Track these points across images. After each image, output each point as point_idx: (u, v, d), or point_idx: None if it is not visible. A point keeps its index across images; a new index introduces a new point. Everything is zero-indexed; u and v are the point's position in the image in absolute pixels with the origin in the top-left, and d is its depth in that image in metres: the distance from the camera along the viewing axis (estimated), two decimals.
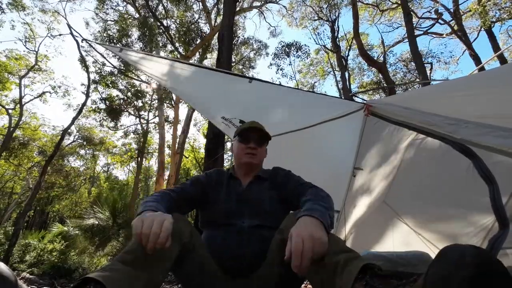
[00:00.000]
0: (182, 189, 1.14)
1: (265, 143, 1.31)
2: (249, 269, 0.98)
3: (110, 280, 0.64)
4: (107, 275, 0.65)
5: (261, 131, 1.27)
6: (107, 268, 0.69)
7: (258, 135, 1.27)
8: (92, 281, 0.63)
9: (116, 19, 12.70)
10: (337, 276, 0.66)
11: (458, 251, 0.47)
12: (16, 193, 17.32)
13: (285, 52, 14.67)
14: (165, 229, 0.73)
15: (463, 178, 1.73)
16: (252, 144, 1.24)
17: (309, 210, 0.83)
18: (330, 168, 2.67)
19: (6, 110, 13.15)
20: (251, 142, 1.25)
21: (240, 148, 1.26)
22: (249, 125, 1.27)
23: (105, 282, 0.62)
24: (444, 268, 0.47)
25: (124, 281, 0.67)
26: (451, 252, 0.49)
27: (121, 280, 0.67)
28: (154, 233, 0.71)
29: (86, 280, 0.64)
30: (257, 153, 1.25)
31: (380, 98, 4.84)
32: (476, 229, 1.93)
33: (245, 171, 1.27)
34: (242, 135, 1.28)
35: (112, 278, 0.65)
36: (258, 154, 1.25)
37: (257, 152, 1.25)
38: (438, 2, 12.02)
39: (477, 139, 1.13)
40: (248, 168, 1.26)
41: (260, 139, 1.27)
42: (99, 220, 6.87)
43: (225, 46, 4.91)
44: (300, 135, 2.41)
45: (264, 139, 1.29)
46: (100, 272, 0.67)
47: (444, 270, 0.47)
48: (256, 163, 1.26)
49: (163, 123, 12.94)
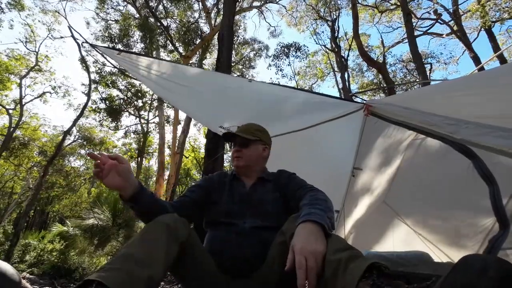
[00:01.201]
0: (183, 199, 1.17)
1: (255, 143, 1.28)
2: (250, 270, 0.98)
3: (112, 280, 0.64)
4: (107, 275, 0.65)
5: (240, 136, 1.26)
6: (107, 267, 0.69)
7: (239, 138, 1.27)
8: (94, 283, 0.63)
9: (117, 19, 12.70)
10: (339, 274, 0.65)
11: (481, 261, 0.46)
12: (16, 193, 17.32)
13: (285, 52, 14.66)
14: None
15: (463, 178, 1.72)
16: (236, 147, 1.27)
17: (307, 214, 0.84)
18: (330, 168, 2.67)
19: (7, 110, 13.15)
20: (236, 145, 1.28)
21: (231, 152, 1.31)
22: (230, 132, 1.31)
23: (107, 283, 0.62)
24: (465, 277, 0.45)
25: (125, 280, 0.67)
26: (473, 261, 0.47)
27: (122, 279, 0.67)
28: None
29: (88, 282, 0.64)
30: (242, 155, 1.25)
31: (380, 98, 4.83)
32: (476, 230, 1.93)
33: (241, 173, 1.28)
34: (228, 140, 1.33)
35: (113, 277, 0.65)
36: (243, 157, 1.25)
37: (242, 155, 1.25)
38: (437, 2, 12.02)
39: (477, 139, 1.13)
40: (238, 170, 1.28)
41: (242, 142, 1.27)
42: (99, 220, 6.87)
43: (225, 46, 4.91)
44: (300, 135, 2.41)
45: (248, 141, 1.27)
46: (101, 272, 0.66)
47: (465, 278, 0.45)
48: (242, 165, 1.26)
49: (163, 123, 12.94)
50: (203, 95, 2.29)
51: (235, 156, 1.26)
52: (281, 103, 2.18)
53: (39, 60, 13.69)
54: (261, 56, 15.88)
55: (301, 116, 2.28)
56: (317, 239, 0.75)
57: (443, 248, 2.20)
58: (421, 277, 0.56)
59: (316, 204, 0.91)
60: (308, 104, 2.09)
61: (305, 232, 0.78)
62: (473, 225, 1.94)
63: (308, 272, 0.68)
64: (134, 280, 0.69)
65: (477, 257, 0.48)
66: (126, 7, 13.38)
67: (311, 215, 0.82)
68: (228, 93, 2.21)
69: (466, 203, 1.96)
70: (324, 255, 0.72)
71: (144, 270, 0.72)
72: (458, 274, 0.47)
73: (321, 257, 0.71)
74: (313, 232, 0.77)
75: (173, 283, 3.56)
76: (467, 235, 1.99)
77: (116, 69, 12.38)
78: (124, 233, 6.78)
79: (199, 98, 2.36)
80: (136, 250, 0.75)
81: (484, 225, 1.88)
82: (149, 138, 17.24)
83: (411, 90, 9.29)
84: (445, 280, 0.48)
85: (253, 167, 1.28)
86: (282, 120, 2.36)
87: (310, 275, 0.68)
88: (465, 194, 1.91)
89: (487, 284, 0.42)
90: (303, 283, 0.67)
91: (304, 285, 0.67)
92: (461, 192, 1.94)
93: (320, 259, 0.70)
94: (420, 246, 2.30)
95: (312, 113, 2.19)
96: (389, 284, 0.57)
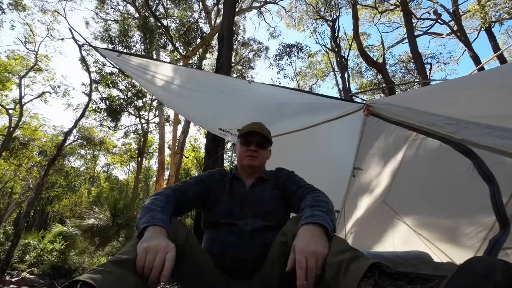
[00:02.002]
0: (186, 188, 1.13)
1: (267, 145, 1.31)
2: (251, 271, 0.98)
3: (100, 282, 0.63)
4: (97, 277, 0.64)
5: (262, 134, 1.27)
6: (98, 270, 0.69)
7: (259, 137, 1.27)
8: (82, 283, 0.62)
9: (117, 19, 12.70)
10: (341, 275, 0.65)
11: (487, 264, 0.46)
12: (16, 193, 17.31)
13: (287, 52, 14.69)
14: (168, 263, 0.72)
15: (463, 178, 1.73)
16: (253, 147, 1.25)
17: (310, 217, 0.84)
18: (330, 168, 2.67)
19: (6, 110, 13.15)
20: (252, 144, 1.26)
21: (242, 150, 1.27)
22: (251, 128, 1.28)
23: (95, 283, 0.62)
24: (471, 279, 0.45)
25: (114, 282, 0.67)
26: (479, 264, 0.47)
27: (111, 281, 0.66)
28: (157, 269, 0.71)
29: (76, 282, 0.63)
30: (258, 155, 1.25)
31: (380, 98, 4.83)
32: (476, 229, 1.93)
33: (247, 173, 1.27)
34: (244, 137, 1.29)
35: (102, 280, 0.65)
36: (259, 157, 1.26)
37: (258, 155, 1.25)
38: (437, 2, 12.02)
39: (477, 140, 1.13)
40: (249, 170, 1.27)
41: (261, 142, 1.28)
42: (99, 220, 6.87)
43: (225, 46, 4.91)
44: (300, 135, 2.41)
45: (266, 142, 1.30)
46: (91, 274, 0.66)
47: (470, 281, 0.45)
48: (257, 165, 1.26)
49: (163, 123, 12.93)
50: (203, 97, 2.29)
51: (251, 155, 1.24)
52: (281, 103, 2.18)
53: (39, 60, 13.69)
54: (260, 56, 15.91)
55: (301, 116, 2.28)
56: (319, 241, 0.75)
57: (443, 248, 2.20)
58: (423, 278, 0.56)
59: (318, 206, 0.91)
60: (308, 105, 2.09)
61: (308, 233, 0.78)
62: (473, 224, 1.94)
63: (307, 273, 0.68)
64: (123, 283, 0.68)
65: (484, 259, 0.48)
66: (125, 7, 13.40)
67: (314, 217, 0.82)
68: (227, 95, 2.21)
69: (466, 203, 1.96)
70: (325, 257, 0.72)
71: (135, 275, 0.72)
72: (463, 276, 0.47)
73: (321, 259, 0.70)
74: (316, 234, 0.77)
75: (173, 283, 3.56)
76: (467, 235, 1.99)
77: (116, 69, 12.38)
78: (125, 233, 6.78)
79: (199, 101, 2.37)
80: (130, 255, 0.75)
81: (484, 225, 1.88)
82: (149, 138, 17.24)
83: (411, 90, 9.28)
84: (450, 282, 0.48)
85: (261, 168, 1.30)
86: (282, 120, 2.36)
87: (309, 275, 0.68)
88: (465, 194, 1.91)
89: (494, 287, 0.42)
90: (302, 283, 0.67)
91: (303, 285, 0.67)
92: (461, 192, 1.94)
93: (321, 260, 0.70)
94: (420, 246, 2.30)
95: (312, 113, 2.19)
96: (392, 284, 0.56)
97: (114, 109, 12.54)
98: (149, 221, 0.83)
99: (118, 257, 0.75)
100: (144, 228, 0.82)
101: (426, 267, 1.66)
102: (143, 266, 0.71)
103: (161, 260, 0.71)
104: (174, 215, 1.03)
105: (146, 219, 0.85)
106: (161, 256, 0.72)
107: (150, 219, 0.84)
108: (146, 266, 0.71)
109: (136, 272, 0.72)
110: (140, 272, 0.72)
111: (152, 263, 0.71)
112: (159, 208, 0.92)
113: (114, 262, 0.72)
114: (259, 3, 14.91)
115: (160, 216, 0.87)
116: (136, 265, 0.72)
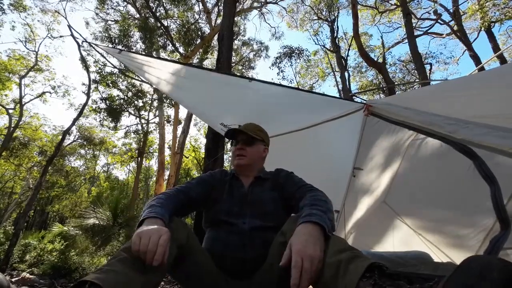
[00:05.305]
0: (189, 189, 1.14)
1: (255, 142, 1.30)
2: (251, 271, 0.98)
3: (108, 282, 0.63)
4: (104, 277, 0.65)
5: (246, 133, 1.27)
6: (105, 269, 0.69)
7: (244, 135, 1.28)
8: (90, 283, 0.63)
9: (117, 19, 12.70)
10: (340, 275, 0.65)
11: (485, 262, 0.46)
12: (16, 193, 17.32)
13: (288, 55, 14.71)
14: (161, 245, 0.73)
15: (464, 178, 1.73)
16: (239, 145, 1.26)
17: (308, 215, 0.83)
18: (330, 168, 2.67)
19: (6, 110, 13.15)
20: (239, 143, 1.27)
21: (232, 151, 1.30)
22: (235, 128, 1.30)
23: (103, 284, 0.62)
24: (469, 278, 0.45)
25: (122, 282, 0.67)
26: (477, 263, 0.47)
27: (119, 281, 0.67)
28: (150, 251, 0.72)
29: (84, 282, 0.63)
30: (246, 154, 1.25)
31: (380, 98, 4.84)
32: (476, 230, 1.93)
33: (241, 172, 1.28)
34: (232, 138, 1.32)
35: (110, 280, 0.65)
36: (247, 155, 1.26)
37: (246, 153, 1.26)
38: (436, 2, 12.02)
39: (478, 139, 1.12)
40: (239, 169, 1.27)
41: (247, 140, 1.28)
42: (99, 220, 6.86)
43: (225, 46, 4.91)
44: (300, 135, 2.41)
45: (253, 139, 1.29)
46: (98, 274, 0.66)
47: (468, 279, 0.45)
48: (245, 164, 1.25)
49: (164, 123, 12.94)
50: (205, 90, 2.28)
51: (238, 153, 1.25)
52: (282, 103, 2.18)
53: (39, 60, 13.69)
54: (261, 56, 15.91)
55: (301, 116, 2.28)
56: (316, 242, 0.74)
57: (443, 248, 2.20)
58: (423, 278, 0.56)
59: (316, 205, 0.91)
60: (308, 104, 2.09)
61: (305, 233, 0.77)
62: (473, 225, 1.94)
63: (302, 274, 0.68)
64: (130, 283, 0.69)
65: (481, 258, 0.48)
66: (126, 7, 13.39)
67: (312, 216, 0.82)
68: (229, 91, 2.20)
69: (466, 203, 1.95)
70: (321, 259, 0.71)
71: (142, 273, 0.72)
72: (461, 275, 0.47)
73: (317, 262, 0.70)
74: (313, 234, 0.77)
75: (173, 283, 3.56)
76: (468, 235, 1.99)
77: (116, 69, 12.39)
78: (125, 232, 6.78)
79: (200, 93, 2.35)
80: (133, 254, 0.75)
81: (484, 225, 1.88)
82: (149, 138, 17.25)
83: (411, 90, 9.29)
84: (448, 281, 0.48)
85: (253, 166, 1.29)
86: (282, 120, 2.36)
87: (303, 276, 0.68)
88: (465, 194, 1.91)
89: (491, 285, 0.42)
90: (296, 283, 0.67)
91: (296, 284, 0.67)
92: (461, 192, 1.94)
93: (316, 263, 0.70)
94: (420, 246, 2.30)
95: (312, 113, 2.19)
96: (391, 284, 0.56)
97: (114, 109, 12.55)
98: (147, 215, 0.87)
99: (122, 254, 0.76)
100: (142, 221, 0.86)
101: (426, 267, 1.66)
102: (138, 250, 0.73)
103: (154, 243, 0.73)
104: (179, 215, 1.04)
105: (145, 213, 0.89)
106: (154, 240, 0.73)
107: (148, 213, 0.88)
108: (141, 250, 0.72)
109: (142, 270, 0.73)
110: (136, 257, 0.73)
111: (146, 246, 0.72)
112: (159, 204, 0.95)
113: (119, 260, 0.73)
114: (260, 4, 14.92)
115: (158, 210, 0.90)
116: (132, 250, 0.74)
